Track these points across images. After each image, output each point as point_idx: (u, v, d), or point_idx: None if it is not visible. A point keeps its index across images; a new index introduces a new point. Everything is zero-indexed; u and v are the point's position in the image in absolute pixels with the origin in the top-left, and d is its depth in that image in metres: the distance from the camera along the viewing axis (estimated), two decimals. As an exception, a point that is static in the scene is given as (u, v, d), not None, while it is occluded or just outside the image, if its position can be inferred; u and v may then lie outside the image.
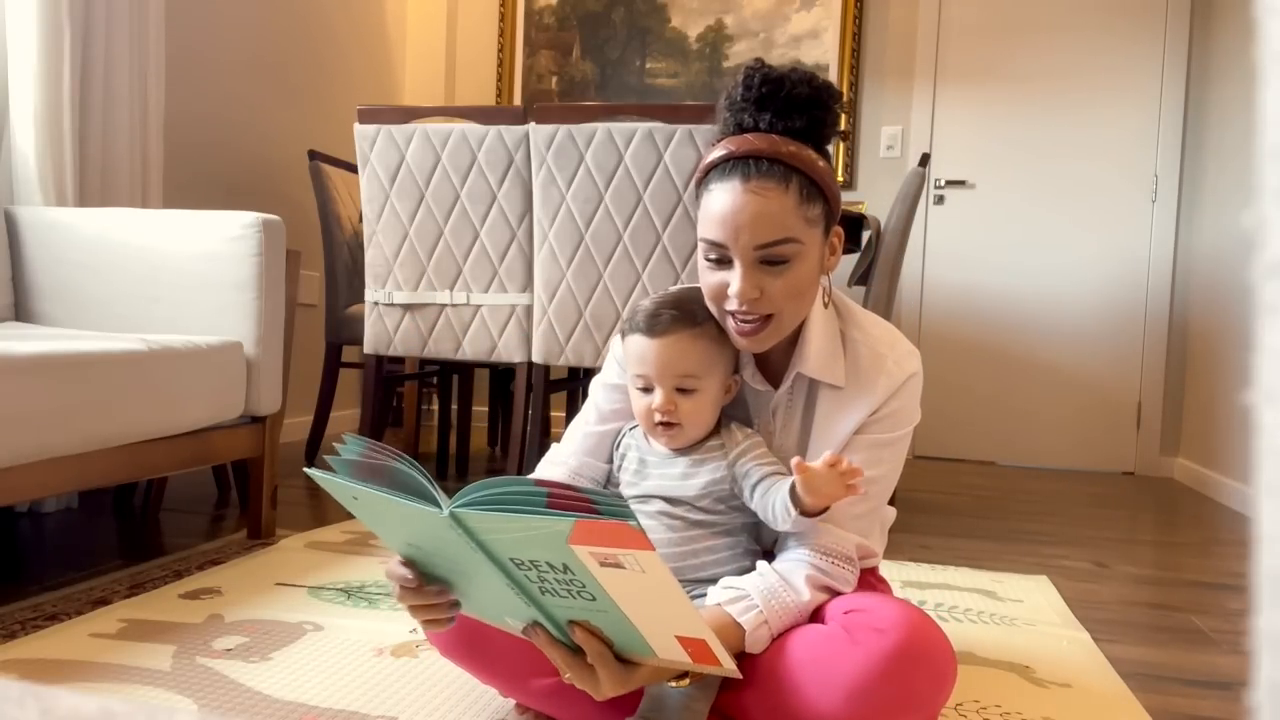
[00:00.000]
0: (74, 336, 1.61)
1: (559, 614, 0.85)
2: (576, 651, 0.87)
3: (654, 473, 1.06)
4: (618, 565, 0.75)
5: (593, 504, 0.74)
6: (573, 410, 2.99)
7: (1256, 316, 0.22)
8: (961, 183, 3.69)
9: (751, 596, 0.97)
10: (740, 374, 1.09)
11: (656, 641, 0.84)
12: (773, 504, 0.99)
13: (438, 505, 0.77)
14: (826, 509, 0.97)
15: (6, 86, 2.04)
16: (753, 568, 1.03)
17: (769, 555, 1.06)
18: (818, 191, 0.99)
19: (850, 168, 3.76)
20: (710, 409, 1.05)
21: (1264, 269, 0.22)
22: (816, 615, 1.00)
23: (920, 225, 3.67)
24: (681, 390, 1.02)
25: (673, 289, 1.12)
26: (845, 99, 1.02)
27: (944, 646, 0.93)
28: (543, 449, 3.13)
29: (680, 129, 2.03)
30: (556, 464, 1.15)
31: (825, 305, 1.09)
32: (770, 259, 0.97)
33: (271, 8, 3.14)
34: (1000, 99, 3.65)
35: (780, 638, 0.97)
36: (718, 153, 1.01)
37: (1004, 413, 3.67)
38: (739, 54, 3.85)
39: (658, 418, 1.03)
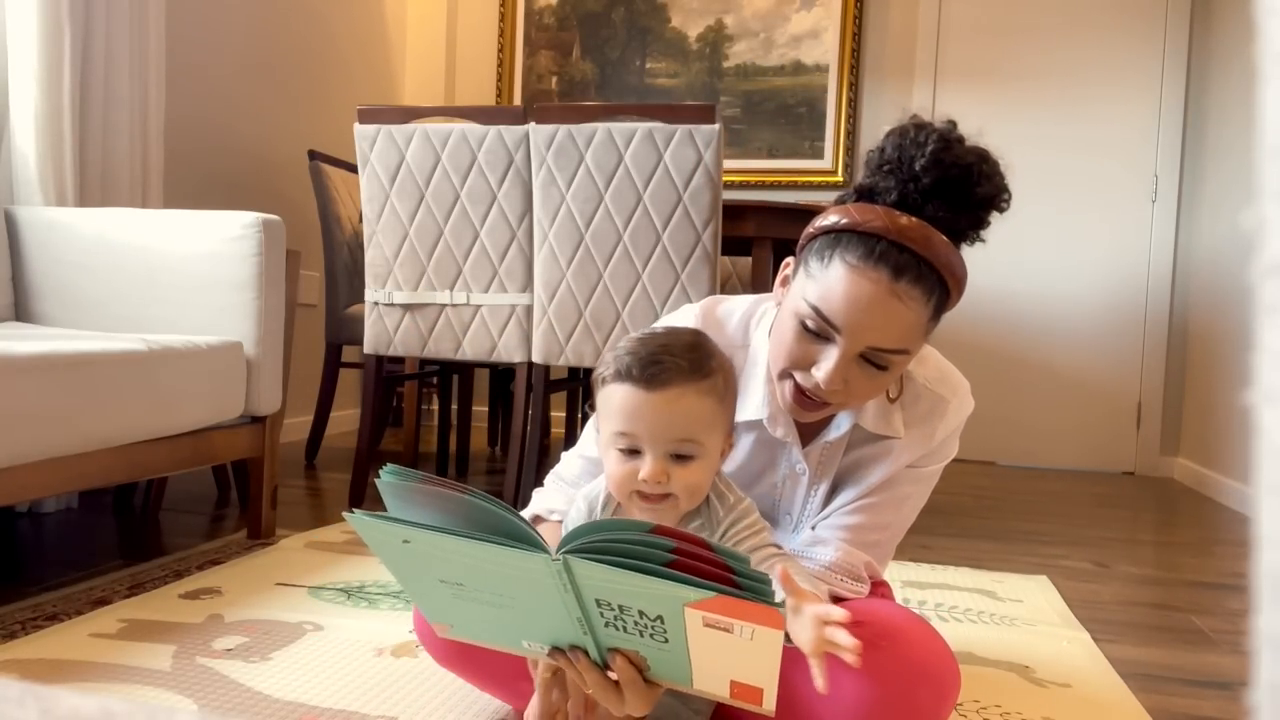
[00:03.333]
0: (74, 336, 1.61)
1: (607, 642, 0.83)
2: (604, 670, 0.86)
3: None
4: (726, 630, 0.72)
5: (731, 574, 0.70)
6: (573, 410, 2.99)
7: (1256, 316, 0.22)
8: (961, 183, 3.69)
9: None
10: (770, 428, 1.01)
11: (703, 679, 0.83)
12: None
13: (540, 550, 0.72)
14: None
15: (6, 86, 2.04)
16: None
17: None
18: (947, 302, 0.91)
19: (850, 168, 3.76)
20: (709, 477, 0.89)
21: (1264, 269, 0.22)
22: None
23: (920, 225, 3.67)
24: (678, 456, 0.85)
25: (663, 325, 0.96)
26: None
27: (947, 659, 0.92)
28: (543, 449, 3.11)
29: (680, 129, 2.03)
30: (565, 483, 1.08)
31: (895, 397, 1.01)
32: (875, 361, 0.89)
33: (271, 8, 3.14)
34: (1000, 99, 3.65)
35: (784, 656, 0.96)
36: (872, 220, 0.87)
37: (1004, 413, 3.67)
38: (739, 54, 3.85)
39: (646, 489, 0.85)
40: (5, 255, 1.97)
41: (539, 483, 1.13)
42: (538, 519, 1.06)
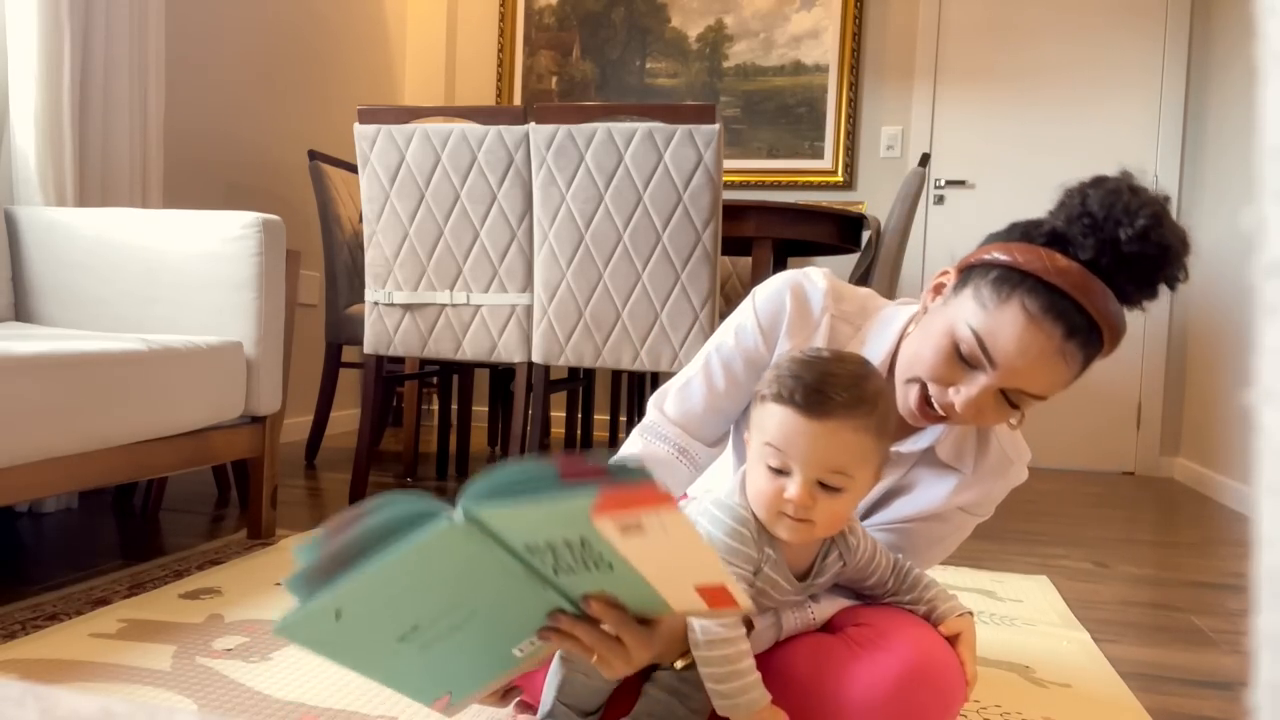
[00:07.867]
0: (74, 336, 1.61)
1: (573, 591, 0.82)
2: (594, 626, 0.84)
3: (773, 595, 0.94)
4: (640, 530, 0.71)
5: (604, 471, 0.68)
6: (573, 410, 2.98)
7: (1256, 316, 0.22)
8: (961, 183, 3.69)
9: None
10: None
11: (674, 597, 0.81)
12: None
13: (444, 520, 0.70)
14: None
15: (6, 86, 2.04)
16: None
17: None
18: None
19: (850, 168, 3.76)
20: (851, 511, 0.90)
21: (1264, 269, 0.22)
22: (828, 625, 0.99)
23: (920, 225, 3.67)
24: (825, 486, 0.85)
25: (831, 351, 0.92)
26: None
27: (953, 666, 0.92)
28: (543, 449, 3.11)
29: (680, 129, 2.03)
30: (661, 438, 1.07)
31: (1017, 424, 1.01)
32: (1013, 400, 0.90)
33: (271, 8, 3.14)
34: (1000, 99, 3.65)
35: (787, 649, 0.95)
36: (1063, 275, 0.85)
37: (1004, 413, 3.67)
38: (739, 54, 3.85)
39: (789, 510, 0.86)
40: (5, 255, 1.97)
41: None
42: None
